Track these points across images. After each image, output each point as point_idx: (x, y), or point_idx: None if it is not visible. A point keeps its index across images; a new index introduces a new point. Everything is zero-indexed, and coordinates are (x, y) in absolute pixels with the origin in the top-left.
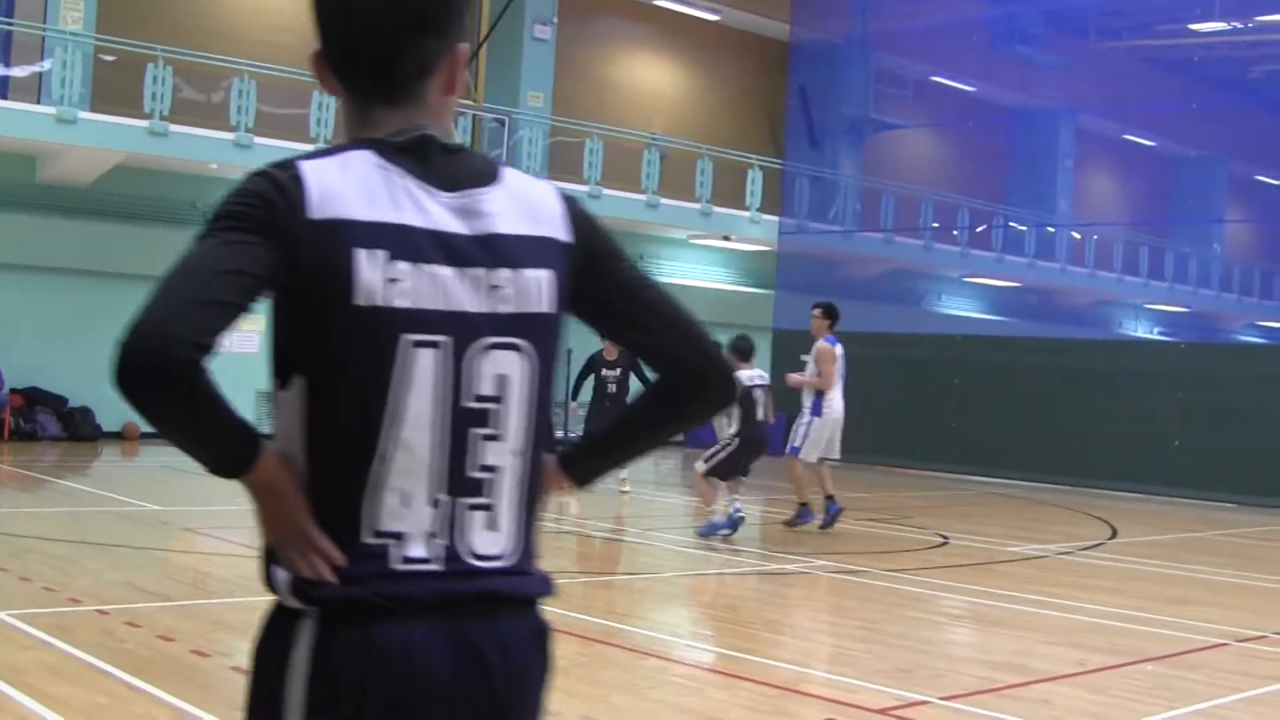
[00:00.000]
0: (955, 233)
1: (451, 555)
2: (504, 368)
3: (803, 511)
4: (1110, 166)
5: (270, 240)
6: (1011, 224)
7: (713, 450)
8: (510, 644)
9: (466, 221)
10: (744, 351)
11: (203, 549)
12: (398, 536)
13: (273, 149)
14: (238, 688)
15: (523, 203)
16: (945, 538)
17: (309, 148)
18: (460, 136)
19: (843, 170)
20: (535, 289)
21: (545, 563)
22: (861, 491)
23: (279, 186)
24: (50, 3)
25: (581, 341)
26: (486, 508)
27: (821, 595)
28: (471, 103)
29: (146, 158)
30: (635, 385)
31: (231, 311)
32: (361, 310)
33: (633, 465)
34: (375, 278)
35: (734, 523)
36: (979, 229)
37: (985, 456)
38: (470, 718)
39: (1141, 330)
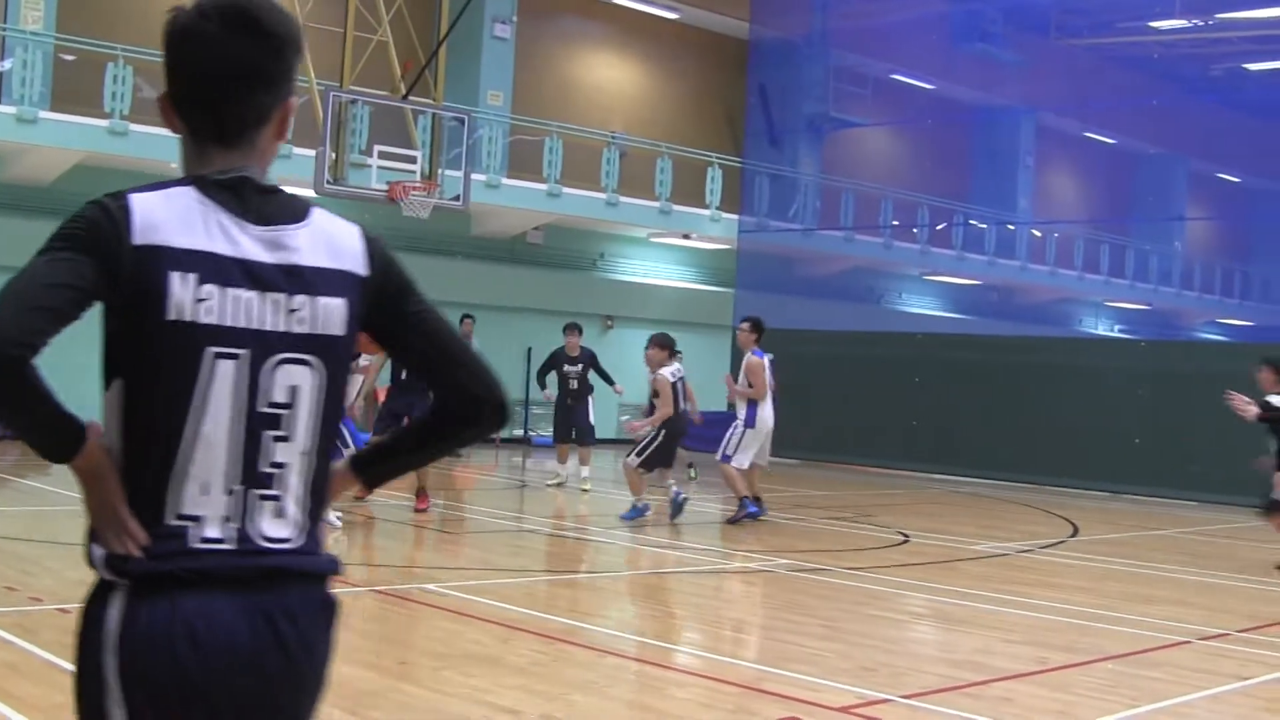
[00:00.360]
0: (915, 230)
1: (243, 537)
2: (295, 379)
3: (744, 503)
4: (1071, 164)
5: (95, 259)
6: (972, 222)
7: (643, 444)
8: (298, 613)
9: (272, 253)
10: (668, 348)
11: None
12: (197, 519)
13: None
14: None
15: (326, 239)
16: (906, 536)
17: None
18: (420, 136)
19: (802, 168)
20: (327, 314)
21: (508, 561)
22: (822, 489)
23: (109, 214)
24: (10, 2)
25: (546, 338)
26: (275, 498)
27: (783, 593)
28: (431, 101)
29: (107, 157)
30: (595, 380)
31: (56, 318)
32: (172, 324)
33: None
34: (186, 297)
35: (679, 505)
36: (939, 227)
37: (946, 455)
38: (264, 677)
39: (1102, 328)
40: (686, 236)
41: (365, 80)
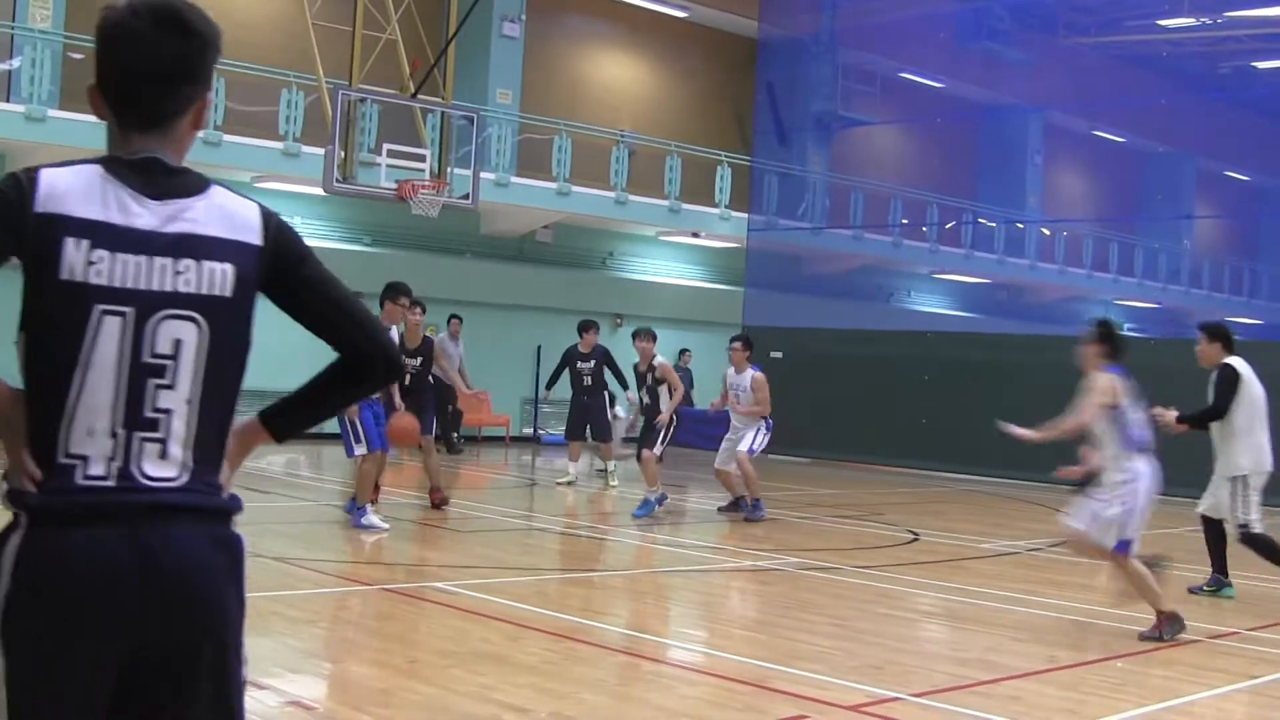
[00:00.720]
0: (924, 229)
1: (124, 475)
2: (179, 334)
3: (757, 504)
4: (1079, 162)
5: (3, 225)
6: (980, 220)
7: (662, 436)
8: (179, 545)
9: (166, 223)
10: (653, 338)
11: None
12: (84, 459)
13: (242, 146)
14: None
15: (221, 212)
16: (916, 534)
17: (278, 145)
18: (429, 134)
19: (811, 167)
20: (213, 277)
21: (518, 559)
22: (832, 488)
23: (18, 185)
24: (19, 1)
25: (556, 337)
26: (160, 441)
27: (792, 592)
28: (439, 100)
29: None
30: (608, 377)
31: None
32: (65, 284)
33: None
34: (78, 259)
35: (661, 500)
36: (948, 225)
37: (956, 453)
38: (144, 605)
39: None
40: (696, 235)
41: (374, 79)
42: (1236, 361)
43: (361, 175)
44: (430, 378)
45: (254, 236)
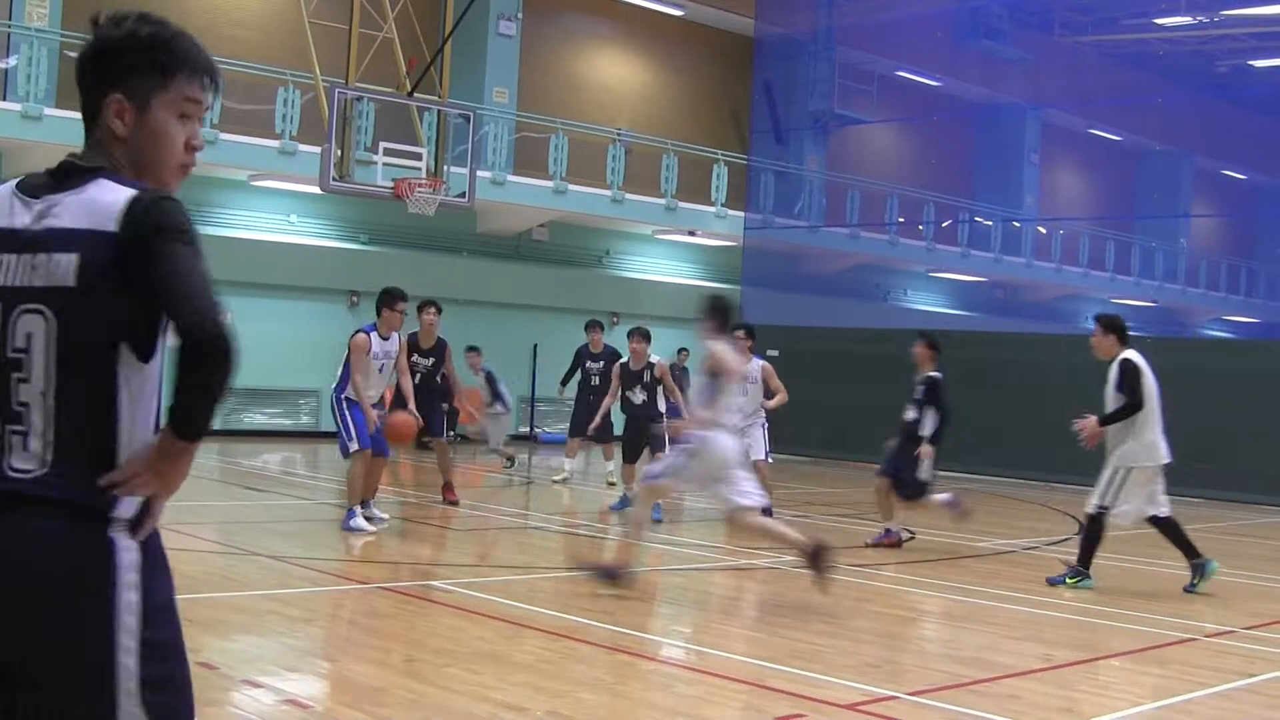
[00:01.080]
0: (921, 227)
1: None
2: (30, 327)
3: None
4: (1076, 161)
5: None
6: (977, 219)
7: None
8: (21, 536)
9: (38, 220)
10: (648, 338)
11: (170, 545)
12: None
13: (238, 145)
14: (207, 682)
15: (87, 203)
16: (912, 533)
17: (275, 144)
18: (425, 133)
19: (808, 165)
20: (58, 268)
21: (514, 558)
22: (827, 486)
23: None
24: None
25: (552, 335)
26: (22, 433)
27: (789, 590)
28: (436, 98)
29: None
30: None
31: None
32: None
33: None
34: None
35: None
36: (945, 224)
37: (951, 452)
38: None
39: None
40: (692, 233)
41: (370, 77)
42: (1134, 355)
43: (358, 174)
44: (437, 379)
45: (109, 224)
